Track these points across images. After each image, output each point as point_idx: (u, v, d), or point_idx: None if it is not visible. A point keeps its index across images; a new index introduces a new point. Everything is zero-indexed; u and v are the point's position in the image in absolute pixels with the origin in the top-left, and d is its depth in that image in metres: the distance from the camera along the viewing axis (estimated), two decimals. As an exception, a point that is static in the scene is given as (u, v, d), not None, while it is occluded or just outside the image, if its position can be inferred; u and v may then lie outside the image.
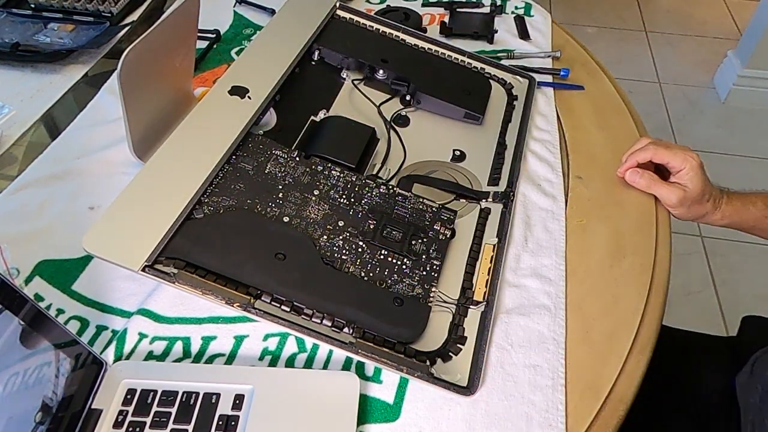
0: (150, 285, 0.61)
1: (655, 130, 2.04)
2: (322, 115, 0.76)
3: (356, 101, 0.80)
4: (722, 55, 2.30)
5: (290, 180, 0.65)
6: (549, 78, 0.89)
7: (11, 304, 0.44)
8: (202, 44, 0.91)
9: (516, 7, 1.04)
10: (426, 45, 0.88)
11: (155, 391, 0.51)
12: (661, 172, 0.73)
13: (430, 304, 0.59)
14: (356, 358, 0.56)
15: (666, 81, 2.31)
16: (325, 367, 0.56)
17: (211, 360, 0.56)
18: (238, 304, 0.55)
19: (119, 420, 0.50)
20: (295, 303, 0.55)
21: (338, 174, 0.67)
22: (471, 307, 0.59)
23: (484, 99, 0.82)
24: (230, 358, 0.56)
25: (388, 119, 0.78)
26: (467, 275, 0.62)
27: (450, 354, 0.56)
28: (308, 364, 0.56)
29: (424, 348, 0.56)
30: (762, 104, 2.17)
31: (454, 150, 0.76)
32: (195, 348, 0.57)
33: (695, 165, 0.68)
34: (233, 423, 0.50)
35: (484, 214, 0.68)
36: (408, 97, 0.80)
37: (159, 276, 0.54)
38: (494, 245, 0.65)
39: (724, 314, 1.55)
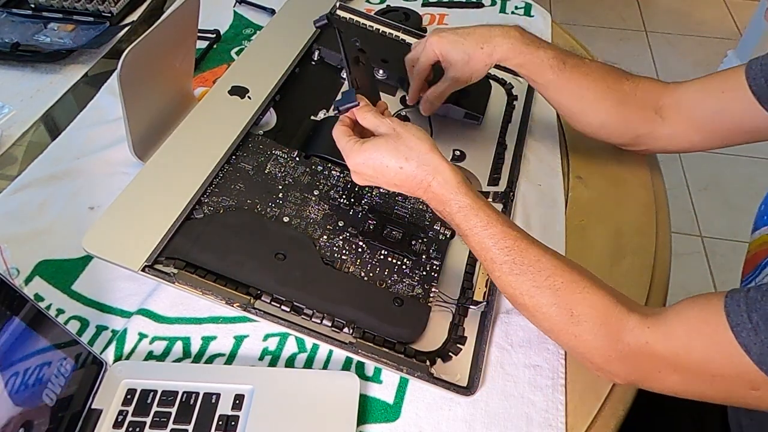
0: (150, 285, 0.61)
1: (655, 130, 2.03)
2: (322, 115, 0.76)
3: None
4: (722, 55, 2.30)
5: (290, 180, 0.65)
6: (549, 78, 0.89)
7: (11, 304, 0.44)
8: (202, 44, 0.91)
9: (516, 7, 1.04)
10: (426, 45, 0.88)
11: (155, 391, 0.51)
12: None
13: (430, 304, 0.59)
14: (356, 358, 0.56)
15: (666, 81, 2.31)
16: (325, 367, 0.56)
17: (211, 360, 0.56)
18: (238, 304, 0.55)
19: (119, 420, 0.50)
20: (295, 303, 0.55)
21: (338, 174, 0.67)
22: (471, 307, 0.59)
23: (484, 99, 0.82)
24: (230, 358, 0.56)
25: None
26: (467, 275, 0.62)
27: (450, 354, 0.56)
28: (308, 364, 0.56)
29: (424, 348, 0.56)
30: (762, 104, 2.16)
31: (454, 150, 0.76)
32: (195, 348, 0.57)
33: (438, 46, 0.66)
34: (233, 423, 0.50)
35: (484, 214, 0.68)
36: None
37: (159, 276, 0.54)
38: (494, 245, 0.65)
39: (724, 314, 1.55)
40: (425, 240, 0.63)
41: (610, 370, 0.50)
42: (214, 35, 0.94)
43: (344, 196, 0.65)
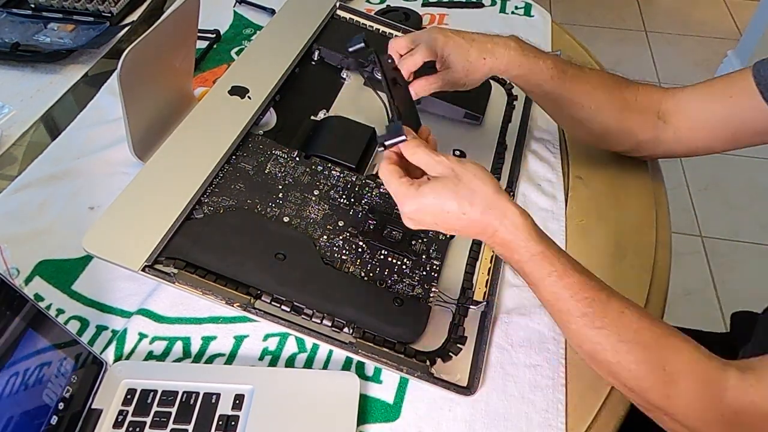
0: (150, 285, 0.61)
1: (655, 130, 2.03)
2: (322, 115, 0.76)
3: (356, 101, 0.80)
4: (722, 55, 2.30)
5: (290, 180, 0.65)
6: (549, 78, 0.89)
7: (11, 304, 0.44)
8: (202, 44, 0.91)
9: (516, 7, 1.04)
10: (426, 45, 0.88)
11: (155, 391, 0.51)
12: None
13: (430, 304, 0.59)
14: (356, 358, 0.56)
15: (666, 81, 2.31)
16: (325, 367, 0.56)
17: (211, 360, 0.56)
18: (238, 304, 0.55)
19: (119, 420, 0.50)
20: (295, 303, 0.55)
21: (338, 174, 0.67)
22: (471, 307, 0.59)
23: (484, 99, 0.82)
24: (230, 358, 0.56)
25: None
26: (467, 275, 0.62)
27: (450, 354, 0.56)
28: (308, 364, 0.56)
29: (424, 348, 0.56)
30: (762, 104, 2.16)
31: (454, 150, 0.76)
32: (195, 348, 0.57)
33: (442, 44, 0.63)
34: (233, 423, 0.50)
35: (484, 214, 0.68)
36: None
37: (159, 276, 0.54)
38: (494, 245, 0.65)
39: (724, 314, 1.55)
40: (425, 240, 0.63)
41: None
42: (214, 35, 0.94)
43: (344, 196, 0.65)
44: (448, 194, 0.48)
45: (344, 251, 0.60)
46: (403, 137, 0.50)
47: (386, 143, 0.51)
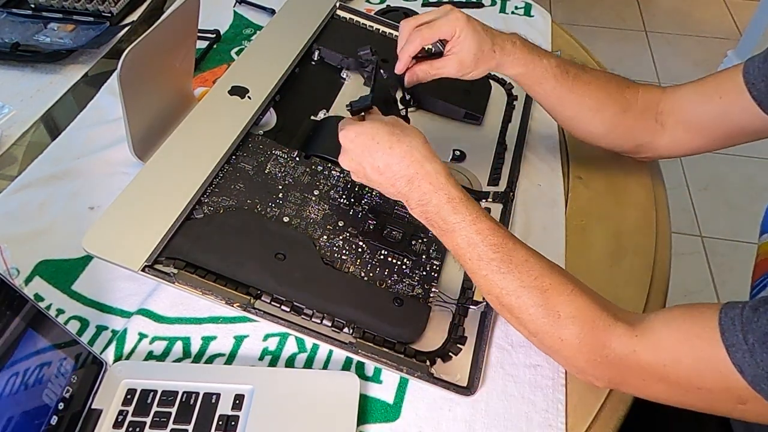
0: (150, 285, 0.61)
1: (655, 130, 2.03)
2: (322, 115, 0.76)
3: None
4: (722, 55, 2.30)
5: (290, 180, 0.65)
6: (549, 78, 0.89)
7: (11, 304, 0.44)
8: (202, 44, 0.91)
9: (516, 7, 1.04)
10: (426, 45, 0.88)
11: (155, 391, 0.51)
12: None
13: (430, 304, 0.59)
14: (356, 358, 0.56)
15: (666, 81, 2.31)
16: (325, 367, 0.56)
17: (211, 360, 0.56)
18: (238, 304, 0.55)
19: (119, 420, 0.50)
20: (295, 303, 0.55)
21: (338, 174, 0.67)
22: (471, 307, 0.59)
23: (484, 99, 0.82)
24: (230, 358, 0.56)
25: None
26: (467, 275, 0.62)
27: (450, 354, 0.56)
28: (308, 364, 0.56)
29: (424, 348, 0.56)
30: (762, 104, 2.16)
31: (454, 150, 0.76)
32: (195, 348, 0.57)
33: (463, 25, 0.63)
34: (233, 423, 0.50)
35: (484, 214, 0.68)
36: (408, 97, 0.80)
37: (159, 276, 0.54)
38: (494, 245, 0.65)
39: (724, 314, 1.55)
40: (425, 240, 0.63)
41: (593, 374, 0.49)
42: (214, 35, 0.94)
43: (344, 196, 0.65)
44: (384, 127, 0.53)
45: (344, 251, 0.60)
46: (369, 104, 0.56)
47: (354, 107, 0.57)
